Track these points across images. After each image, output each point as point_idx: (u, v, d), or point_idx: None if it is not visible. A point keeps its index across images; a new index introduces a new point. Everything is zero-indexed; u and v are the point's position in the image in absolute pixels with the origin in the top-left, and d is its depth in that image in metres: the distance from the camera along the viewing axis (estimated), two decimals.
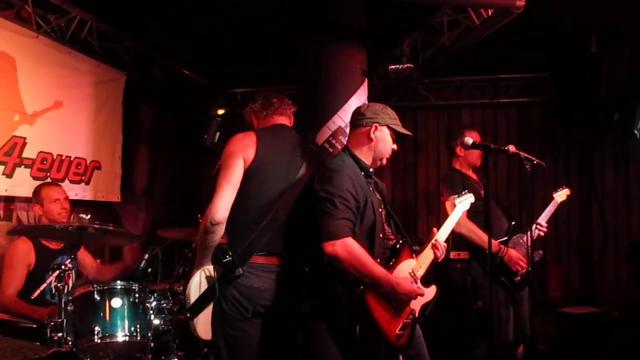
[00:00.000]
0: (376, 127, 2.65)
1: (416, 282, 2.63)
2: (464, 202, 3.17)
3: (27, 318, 3.24)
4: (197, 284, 2.65)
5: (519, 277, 3.68)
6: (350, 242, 2.39)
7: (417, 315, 2.64)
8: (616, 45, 4.73)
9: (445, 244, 2.80)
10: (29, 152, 4.16)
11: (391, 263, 2.55)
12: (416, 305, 2.63)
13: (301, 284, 2.69)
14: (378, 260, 2.49)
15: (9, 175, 4.01)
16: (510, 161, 3.92)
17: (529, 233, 3.32)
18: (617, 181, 5.93)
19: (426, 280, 2.71)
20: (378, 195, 2.73)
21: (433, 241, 2.77)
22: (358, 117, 2.72)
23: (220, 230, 2.58)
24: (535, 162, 2.95)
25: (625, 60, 4.77)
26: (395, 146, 2.74)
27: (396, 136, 2.72)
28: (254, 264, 2.60)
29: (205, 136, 5.69)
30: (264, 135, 2.77)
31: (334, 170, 2.54)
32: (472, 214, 3.51)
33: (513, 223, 3.85)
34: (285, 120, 2.96)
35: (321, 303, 2.57)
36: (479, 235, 3.62)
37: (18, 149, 4.06)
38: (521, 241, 3.76)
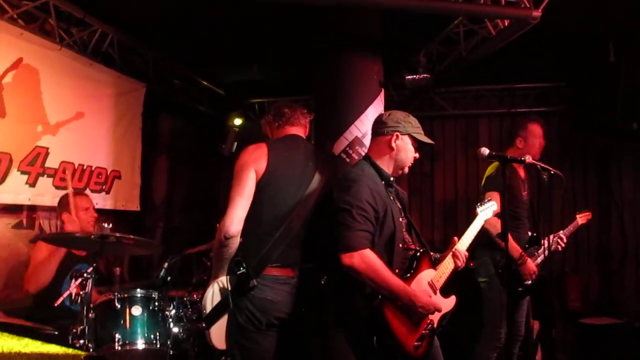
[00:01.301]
0: (397, 136, 2.62)
1: (435, 294, 2.61)
2: (487, 210, 3.11)
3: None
4: (212, 296, 2.66)
5: (522, 288, 3.68)
6: (367, 254, 2.38)
7: (435, 326, 2.61)
8: (634, 53, 4.68)
9: (466, 253, 2.76)
10: (52, 162, 4.25)
11: (409, 274, 2.53)
12: (435, 316, 2.60)
13: (316, 295, 2.69)
14: (397, 270, 2.48)
15: (32, 184, 4.09)
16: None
17: (545, 242, 3.28)
18: (636, 189, 5.84)
19: (446, 291, 2.69)
20: (398, 204, 2.70)
21: (453, 250, 2.73)
22: (379, 125, 2.70)
23: (235, 243, 2.58)
24: (552, 172, 2.93)
25: None
26: (417, 155, 2.70)
27: (418, 144, 2.69)
28: (268, 276, 2.60)
29: (224, 146, 5.77)
30: (275, 146, 2.77)
31: (353, 179, 2.52)
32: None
33: (535, 234, 3.83)
34: (299, 130, 2.94)
35: (339, 313, 2.56)
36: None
37: (41, 159, 4.15)
38: (536, 253, 3.75)
